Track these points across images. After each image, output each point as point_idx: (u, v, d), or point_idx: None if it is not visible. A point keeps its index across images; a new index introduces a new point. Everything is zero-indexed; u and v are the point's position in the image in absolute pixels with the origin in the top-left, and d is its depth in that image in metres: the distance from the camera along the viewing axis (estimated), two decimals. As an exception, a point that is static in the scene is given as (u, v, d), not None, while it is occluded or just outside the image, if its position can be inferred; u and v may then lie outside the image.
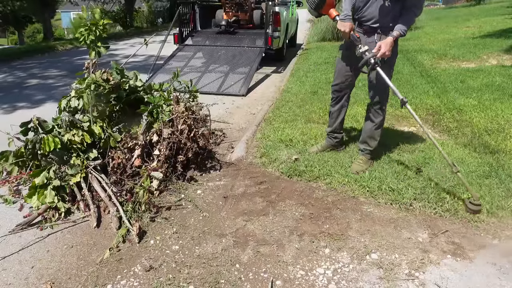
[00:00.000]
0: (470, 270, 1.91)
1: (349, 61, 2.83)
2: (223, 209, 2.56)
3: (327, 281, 1.87)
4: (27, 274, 2.00)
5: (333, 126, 3.15)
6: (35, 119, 2.77)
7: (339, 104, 3.05)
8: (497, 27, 9.87)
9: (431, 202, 2.46)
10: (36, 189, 2.54)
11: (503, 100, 4.23)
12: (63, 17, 38.54)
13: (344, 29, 2.59)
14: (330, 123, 3.17)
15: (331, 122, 3.16)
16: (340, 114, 3.10)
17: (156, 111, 2.99)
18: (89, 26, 2.89)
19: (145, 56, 8.76)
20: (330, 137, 3.23)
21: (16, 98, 5.78)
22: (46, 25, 19.38)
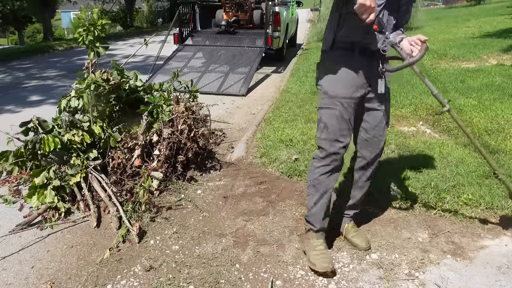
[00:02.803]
0: (470, 270, 1.91)
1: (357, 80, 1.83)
2: (223, 209, 2.56)
3: (327, 281, 1.87)
4: (27, 274, 2.00)
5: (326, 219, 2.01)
6: (35, 119, 2.76)
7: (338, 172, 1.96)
8: (497, 27, 9.87)
9: (431, 202, 2.46)
10: (36, 189, 2.54)
11: (503, 100, 4.23)
12: (63, 17, 38.54)
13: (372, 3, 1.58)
14: (323, 214, 1.97)
15: (325, 213, 1.98)
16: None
17: (156, 111, 2.99)
18: (88, 26, 2.89)
19: (145, 56, 8.76)
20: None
21: (15, 98, 5.78)
22: (46, 25, 19.37)
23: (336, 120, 1.85)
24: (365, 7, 1.60)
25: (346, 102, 1.83)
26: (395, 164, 2.94)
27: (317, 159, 1.94)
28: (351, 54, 1.81)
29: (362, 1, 1.59)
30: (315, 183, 1.94)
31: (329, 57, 1.88)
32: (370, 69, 1.84)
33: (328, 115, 1.86)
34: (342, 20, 1.80)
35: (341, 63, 1.83)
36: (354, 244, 2.10)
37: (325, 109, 1.87)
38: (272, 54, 7.85)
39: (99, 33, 2.93)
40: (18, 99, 5.73)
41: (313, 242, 1.98)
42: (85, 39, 2.92)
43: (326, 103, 1.86)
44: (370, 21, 1.64)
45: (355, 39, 1.79)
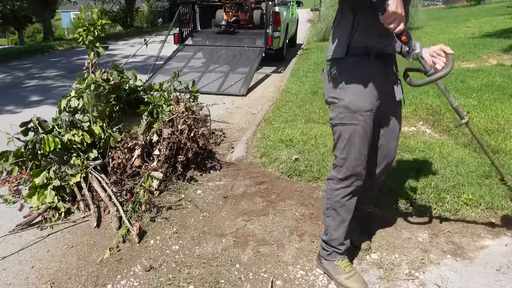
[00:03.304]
0: (470, 270, 1.91)
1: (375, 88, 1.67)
2: (223, 209, 2.56)
3: (327, 281, 1.87)
4: (27, 274, 2.00)
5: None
6: (35, 119, 2.76)
7: (359, 193, 1.81)
8: (497, 27, 9.86)
9: (431, 202, 2.46)
10: (36, 189, 2.54)
11: (503, 100, 4.23)
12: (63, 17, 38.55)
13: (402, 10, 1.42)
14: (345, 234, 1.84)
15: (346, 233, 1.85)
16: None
17: (156, 111, 2.99)
18: (88, 26, 2.89)
19: (145, 56, 8.76)
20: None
21: (15, 98, 5.78)
22: (46, 25, 19.37)
23: (359, 138, 1.67)
24: (397, 15, 1.41)
25: (368, 115, 1.66)
26: (395, 164, 2.94)
27: (335, 180, 1.76)
28: (368, 59, 1.63)
29: (394, 8, 1.39)
30: (336, 207, 1.78)
31: (343, 66, 1.66)
32: (386, 74, 1.70)
33: (350, 132, 1.67)
34: (357, 23, 1.59)
35: (358, 71, 1.64)
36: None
37: (346, 126, 1.67)
38: (272, 54, 7.85)
39: (99, 33, 2.93)
40: (18, 99, 5.73)
41: (341, 265, 1.84)
42: (85, 39, 2.92)
43: (347, 118, 1.66)
44: (399, 31, 1.47)
45: (370, 43, 1.62)
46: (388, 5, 1.40)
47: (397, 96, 1.73)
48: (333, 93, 1.70)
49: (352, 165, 1.71)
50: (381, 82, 1.67)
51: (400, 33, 1.49)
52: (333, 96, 1.70)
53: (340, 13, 1.64)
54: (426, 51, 1.67)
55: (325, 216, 1.85)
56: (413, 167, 2.88)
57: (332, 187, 1.78)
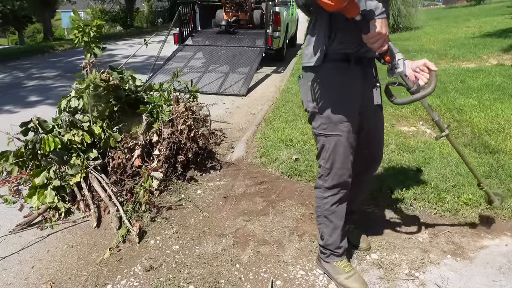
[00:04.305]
0: (470, 270, 1.91)
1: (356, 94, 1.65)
2: (223, 209, 2.56)
3: (327, 281, 1.87)
4: (27, 274, 2.00)
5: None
6: (35, 119, 2.77)
7: (348, 198, 1.81)
8: (497, 27, 9.86)
9: (431, 202, 2.46)
10: (36, 189, 2.54)
11: (503, 100, 4.23)
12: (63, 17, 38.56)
13: (387, 30, 1.44)
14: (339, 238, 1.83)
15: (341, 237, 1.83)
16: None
17: (156, 111, 2.99)
18: (83, 27, 2.89)
19: (145, 56, 8.75)
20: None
21: (15, 98, 5.78)
22: (46, 25, 19.38)
23: (343, 148, 1.65)
24: (381, 35, 1.40)
25: (351, 124, 1.63)
26: (395, 164, 2.94)
27: (322, 188, 1.76)
28: (347, 65, 1.59)
29: (378, 29, 1.38)
30: (327, 214, 1.78)
31: (321, 73, 1.61)
32: (366, 78, 1.66)
33: (334, 143, 1.65)
34: (334, 32, 1.54)
35: (338, 79, 1.60)
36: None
37: (330, 137, 1.65)
38: (272, 54, 7.85)
39: (94, 34, 2.92)
40: (18, 99, 5.73)
41: (340, 265, 1.84)
42: (80, 41, 2.92)
43: (330, 129, 1.64)
44: (382, 51, 1.46)
45: (349, 50, 1.57)
46: (374, 26, 1.38)
47: (375, 100, 1.69)
48: (313, 103, 1.66)
49: (338, 174, 1.70)
50: (361, 86, 1.65)
51: (383, 53, 1.48)
52: (313, 106, 1.67)
53: (315, 21, 1.58)
54: (409, 66, 1.64)
55: (318, 223, 1.86)
56: (413, 167, 2.88)
57: (320, 196, 1.78)
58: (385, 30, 1.41)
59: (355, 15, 1.36)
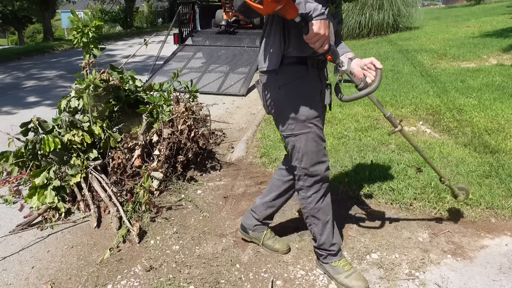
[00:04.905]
0: (470, 270, 1.91)
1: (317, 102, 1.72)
2: (223, 209, 2.56)
3: (327, 281, 1.87)
4: (27, 274, 2.00)
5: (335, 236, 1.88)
6: (35, 119, 2.77)
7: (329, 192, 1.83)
8: (497, 26, 9.86)
9: (431, 202, 2.46)
10: (36, 189, 2.54)
11: (503, 99, 4.23)
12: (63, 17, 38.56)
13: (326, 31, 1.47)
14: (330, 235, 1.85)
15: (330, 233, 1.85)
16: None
17: (156, 111, 2.99)
18: (82, 28, 2.89)
19: (145, 56, 8.76)
20: None
21: (15, 99, 5.79)
22: (46, 25, 19.39)
23: (314, 143, 1.68)
24: (320, 36, 1.46)
25: (317, 119, 1.68)
26: (395, 164, 2.94)
27: (304, 189, 1.77)
28: (305, 68, 1.64)
29: (316, 29, 1.43)
30: (314, 213, 1.80)
31: (280, 76, 1.64)
32: (320, 80, 1.73)
33: (305, 140, 1.68)
34: (288, 37, 1.59)
35: (297, 80, 1.64)
36: (275, 250, 2.07)
37: (299, 136, 1.68)
38: None
39: (93, 34, 2.93)
40: (18, 100, 5.74)
41: (339, 265, 1.84)
42: (79, 41, 2.92)
43: (298, 128, 1.67)
44: (323, 51, 1.52)
45: (304, 53, 1.61)
46: (312, 26, 1.43)
47: (326, 100, 1.74)
48: (277, 106, 1.70)
49: (316, 170, 1.72)
50: (318, 87, 1.71)
51: (324, 52, 1.53)
52: (277, 109, 1.70)
53: (270, 25, 1.62)
54: (358, 64, 1.69)
55: (308, 224, 1.87)
56: (413, 167, 2.88)
57: (304, 196, 1.79)
58: (324, 31, 1.45)
59: (294, 16, 1.41)
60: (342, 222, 2.34)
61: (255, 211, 2.08)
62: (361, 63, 1.68)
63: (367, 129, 3.71)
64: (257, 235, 2.11)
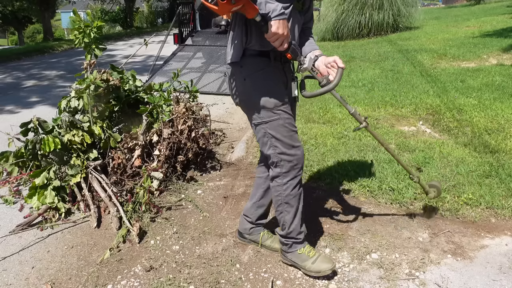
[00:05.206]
0: (470, 269, 1.91)
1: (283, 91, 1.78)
2: (224, 209, 2.56)
3: (327, 281, 1.87)
4: (27, 274, 2.00)
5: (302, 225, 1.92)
6: (35, 119, 2.77)
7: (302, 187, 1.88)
8: (497, 26, 9.86)
9: (431, 202, 2.46)
10: (36, 189, 2.54)
11: (503, 99, 4.23)
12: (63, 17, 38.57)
13: (285, 31, 1.53)
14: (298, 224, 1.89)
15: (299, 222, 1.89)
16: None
17: (156, 111, 2.99)
18: (83, 28, 2.89)
19: (145, 56, 8.76)
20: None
21: (15, 99, 5.79)
22: (45, 26, 19.39)
23: (284, 128, 1.73)
24: (279, 35, 1.52)
25: (286, 106, 1.74)
26: (395, 164, 2.94)
27: (280, 176, 1.79)
28: (267, 60, 1.71)
29: (274, 29, 1.50)
30: (288, 200, 1.82)
31: (244, 68, 1.71)
32: (285, 72, 1.78)
33: (274, 127, 1.72)
34: (250, 32, 1.65)
35: (259, 70, 1.70)
36: (274, 249, 2.07)
37: (269, 123, 1.73)
38: None
39: (94, 34, 2.93)
40: (18, 100, 5.73)
41: (303, 252, 1.89)
42: (81, 42, 2.92)
43: (267, 116, 1.72)
44: (282, 49, 1.59)
45: (265, 48, 1.66)
46: (271, 26, 1.50)
47: (293, 93, 1.80)
48: (244, 96, 1.76)
49: (292, 154, 1.75)
50: (282, 80, 1.77)
51: (284, 51, 1.59)
52: (244, 99, 1.76)
53: (235, 19, 1.67)
54: (323, 62, 1.75)
55: (278, 213, 1.88)
56: (413, 166, 2.88)
57: (279, 183, 1.81)
58: (283, 31, 1.52)
59: (254, 16, 1.48)
60: (342, 222, 2.34)
61: (247, 214, 2.10)
62: (326, 61, 1.75)
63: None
64: (254, 237, 2.11)
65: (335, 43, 10.15)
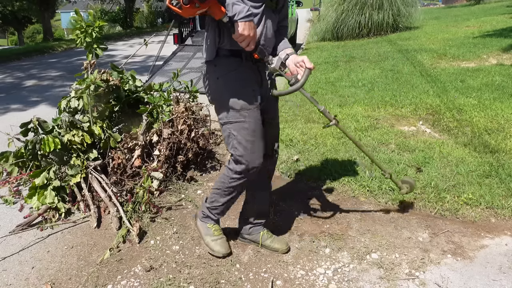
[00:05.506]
0: (470, 269, 1.91)
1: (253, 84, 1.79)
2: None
3: (328, 281, 1.87)
4: (27, 274, 2.00)
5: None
6: (35, 119, 2.77)
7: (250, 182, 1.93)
8: (497, 26, 9.86)
9: (431, 202, 2.47)
10: (36, 189, 2.54)
11: (503, 99, 4.23)
12: (62, 17, 38.58)
13: (251, 32, 1.57)
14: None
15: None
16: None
17: (156, 111, 2.99)
18: (85, 28, 2.89)
19: (145, 56, 8.75)
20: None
21: (15, 99, 5.79)
22: (45, 26, 19.39)
23: (246, 131, 1.75)
24: (245, 37, 1.57)
25: (254, 110, 1.76)
26: (395, 163, 2.94)
27: (232, 171, 1.83)
28: (239, 60, 1.73)
29: (240, 31, 1.55)
30: (229, 191, 1.90)
31: (217, 67, 1.76)
32: (259, 72, 1.81)
33: (237, 129, 1.75)
34: (222, 34, 1.69)
35: (234, 70, 1.73)
36: (274, 249, 2.07)
37: (234, 124, 1.76)
38: None
39: (96, 34, 2.93)
40: (18, 100, 5.73)
41: (211, 228, 2.03)
42: (82, 41, 2.92)
43: (233, 117, 1.75)
44: (250, 49, 1.63)
45: (237, 47, 1.68)
46: (238, 28, 1.54)
47: (269, 90, 1.82)
48: (216, 95, 1.81)
49: (247, 160, 1.78)
50: (256, 78, 1.80)
51: (251, 51, 1.64)
52: (216, 97, 1.81)
53: (208, 19, 1.69)
54: (293, 61, 1.78)
55: (215, 190, 1.96)
56: (413, 166, 2.88)
57: (228, 175, 1.87)
58: (248, 32, 1.56)
59: (220, 17, 1.53)
60: (342, 222, 2.34)
61: (243, 215, 2.13)
62: (296, 60, 1.78)
63: (367, 129, 3.71)
64: (254, 237, 2.12)
65: (335, 43, 10.15)
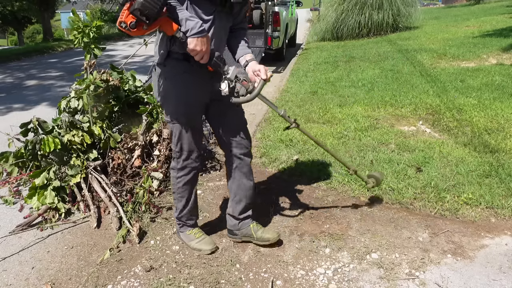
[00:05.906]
0: (470, 269, 1.91)
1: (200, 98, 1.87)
2: (223, 209, 2.56)
3: (328, 280, 1.87)
4: (27, 274, 2.00)
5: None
6: (35, 119, 2.77)
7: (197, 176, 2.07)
8: (497, 26, 9.86)
9: (431, 202, 2.47)
10: (36, 189, 2.54)
11: (503, 99, 4.23)
12: (62, 17, 38.57)
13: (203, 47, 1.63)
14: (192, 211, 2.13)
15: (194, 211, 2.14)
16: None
17: (156, 111, 2.99)
18: (82, 28, 2.89)
19: (145, 56, 8.75)
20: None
21: (15, 99, 5.79)
22: (45, 26, 19.38)
23: (188, 133, 1.90)
24: (196, 52, 1.63)
25: (194, 114, 1.89)
26: (395, 163, 2.94)
27: (175, 170, 2.00)
28: (188, 64, 1.77)
29: (192, 47, 1.61)
30: (180, 192, 2.03)
31: (167, 69, 1.81)
32: (211, 75, 1.82)
33: (180, 129, 1.89)
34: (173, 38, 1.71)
35: (181, 73, 1.80)
36: (266, 239, 2.09)
37: (176, 124, 1.89)
38: (272, 54, 7.85)
39: (94, 34, 2.93)
40: (18, 100, 5.73)
41: (191, 233, 2.12)
42: (80, 41, 2.92)
43: (175, 117, 1.88)
44: (204, 62, 1.69)
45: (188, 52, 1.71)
46: (189, 43, 1.61)
47: (222, 92, 1.82)
48: (162, 95, 1.88)
49: (186, 156, 1.95)
50: (209, 79, 1.83)
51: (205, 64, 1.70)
52: (163, 97, 1.89)
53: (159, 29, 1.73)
54: (252, 68, 1.87)
55: (174, 198, 2.09)
56: (413, 166, 2.88)
57: (174, 176, 2.03)
58: (201, 47, 1.63)
59: (173, 33, 1.61)
60: (342, 221, 2.34)
61: (229, 212, 2.17)
62: (254, 68, 1.86)
63: (367, 129, 3.71)
64: (244, 231, 2.14)
65: (334, 43, 10.15)
